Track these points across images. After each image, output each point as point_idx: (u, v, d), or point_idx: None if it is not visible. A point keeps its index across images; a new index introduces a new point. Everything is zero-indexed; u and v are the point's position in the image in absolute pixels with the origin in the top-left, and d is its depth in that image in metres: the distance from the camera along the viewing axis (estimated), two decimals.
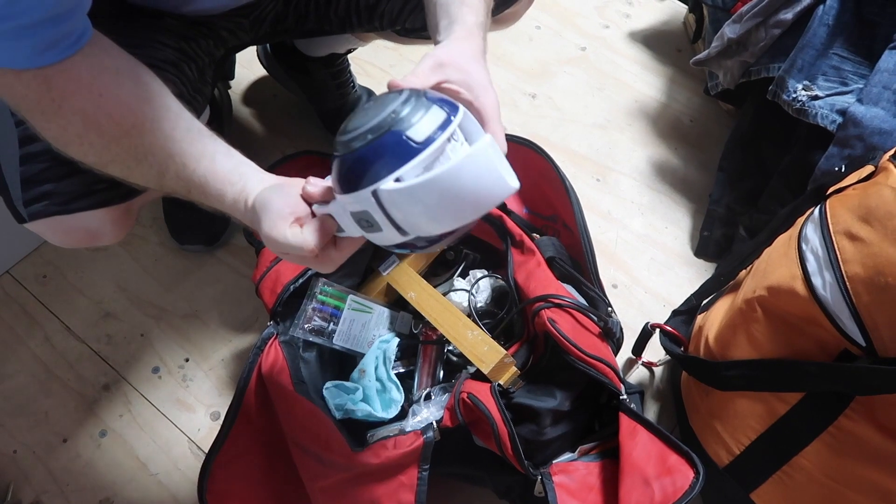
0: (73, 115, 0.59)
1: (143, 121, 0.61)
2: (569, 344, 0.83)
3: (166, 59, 0.78)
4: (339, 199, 0.56)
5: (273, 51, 1.26)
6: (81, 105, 0.59)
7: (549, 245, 0.95)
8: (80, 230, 0.75)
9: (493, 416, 0.79)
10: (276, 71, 1.28)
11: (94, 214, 0.73)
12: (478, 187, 0.51)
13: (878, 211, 0.67)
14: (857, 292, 0.67)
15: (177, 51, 0.81)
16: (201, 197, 0.64)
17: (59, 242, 0.78)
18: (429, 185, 0.50)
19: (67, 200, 0.71)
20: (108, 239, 0.78)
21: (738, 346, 0.82)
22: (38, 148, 0.69)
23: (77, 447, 1.00)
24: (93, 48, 0.59)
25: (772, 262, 0.80)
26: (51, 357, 1.07)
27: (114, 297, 1.13)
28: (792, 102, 0.99)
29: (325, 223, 0.59)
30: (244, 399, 0.92)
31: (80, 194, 0.72)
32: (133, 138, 0.61)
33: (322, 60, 1.20)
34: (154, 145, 0.62)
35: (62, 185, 0.71)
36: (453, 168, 0.50)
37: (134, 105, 0.61)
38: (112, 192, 0.73)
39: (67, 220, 0.73)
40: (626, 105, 1.39)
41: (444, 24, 0.68)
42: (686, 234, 1.22)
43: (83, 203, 0.72)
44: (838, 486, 0.76)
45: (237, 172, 0.64)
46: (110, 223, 0.76)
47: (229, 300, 1.13)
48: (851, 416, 0.72)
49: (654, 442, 0.80)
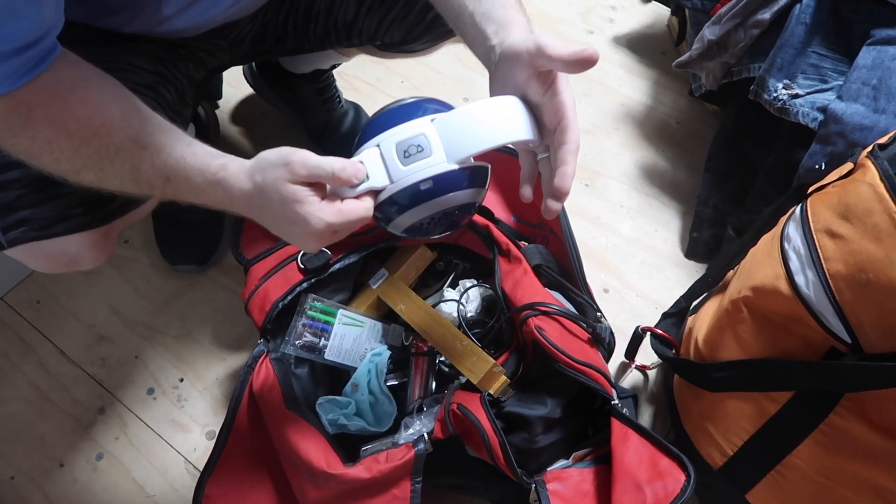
0: (41, 124, 0.59)
1: (111, 119, 0.62)
2: (557, 351, 0.83)
3: (142, 83, 0.79)
4: (383, 137, 0.63)
5: (259, 69, 1.27)
6: (49, 112, 0.59)
7: (535, 253, 0.95)
8: (60, 255, 0.75)
9: (483, 427, 0.79)
10: (262, 89, 1.29)
11: (72, 239, 0.74)
12: (505, 117, 0.63)
13: (857, 208, 0.67)
14: (839, 290, 0.67)
15: (153, 74, 0.81)
16: (181, 182, 0.64)
17: (40, 268, 0.78)
18: (473, 108, 0.62)
19: (45, 226, 0.72)
20: (89, 263, 0.78)
21: (727, 348, 0.82)
22: (14, 175, 0.70)
23: (74, 471, 1.01)
24: (60, 63, 0.60)
25: (756, 263, 0.80)
26: (46, 382, 1.08)
27: (107, 319, 1.13)
28: (773, 101, 0.99)
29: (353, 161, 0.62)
30: (237, 418, 0.92)
31: (57, 219, 0.72)
32: (102, 137, 0.61)
33: (307, 77, 1.21)
34: (125, 141, 0.62)
35: (39, 211, 0.71)
36: (488, 100, 0.63)
37: (101, 105, 0.62)
38: (90, 215, 0.74)
39: (46, 246, 0.73)
40: (612, 109, 1.40)
41: (492, 30, 0.65)
42: (676, 236, 1.22)
43: (60, 227, 0.72)
44: (832, 484, 0.76)
45: (219, 152, 0.65)
46: (89, 247, 0.76)
47: (222, 319, 1.14)
48: (841, 414, 0.72)
49: (645, 446, 0.80)
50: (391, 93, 1.42)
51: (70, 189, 0.67)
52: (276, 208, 0.63)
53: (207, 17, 0.83)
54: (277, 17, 0.96)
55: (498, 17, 0.65)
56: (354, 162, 0.62)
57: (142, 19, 0.78)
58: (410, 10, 0.92)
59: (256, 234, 0.99)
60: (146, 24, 0.80)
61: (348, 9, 0.95)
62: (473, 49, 0.68)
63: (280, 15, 0.96)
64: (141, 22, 0.79)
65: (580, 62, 0.58)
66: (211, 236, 1.18)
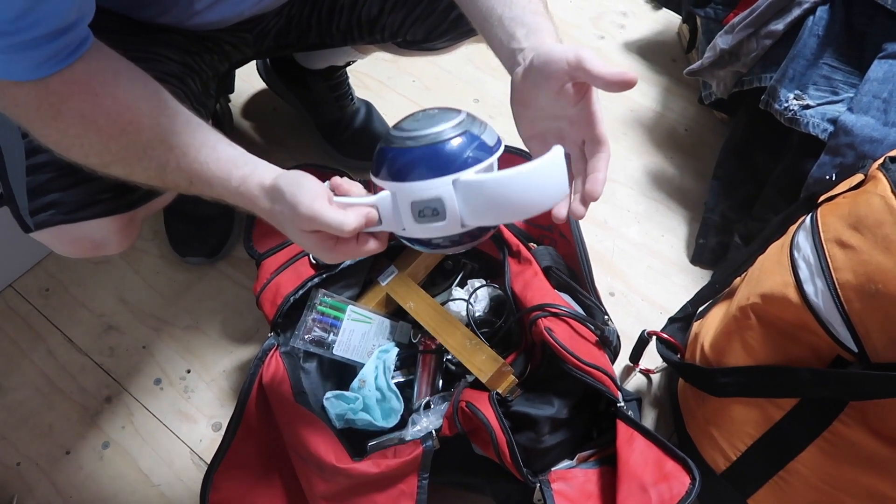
0: (71, 118, 0.60)
1: (140, 117, 0.62)
2: (565, 352, 0.84)
3: (171, 73, 0.80)
4: (399, 187, 0.61)
5: (272, 64, 1.28)
6: (79, 106, 0.60)
7: (545, 254, 0.96)
8: (86, 239, 0.76)
9: (491, 425, 0.80)
10: (275, 84, 1.30)
11: (99, 223, 0.74)
12: (543, 188, 0.59)
13: (868, 219, 0.68)
14: (848, 299, 0.68)
15: (181, 65, 0.82)
16: (204, 186, 0.65)
17: (64, 252, 0.79)
18: (506, 180, 0.57)
19: (72, 210, 0.73)
20: (113, 248, 0.79)
21: (733, 353, 0.83)
22: (44, 159, 0.71)
23: (80, 459, 1.01)
24: (92, 54, 0.60)
25: (765, 270, 0.81)
26: (54, 370, 1.08)
27: (116, 309, 1.14)
28: (784, 111, 1.00)
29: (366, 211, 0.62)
30: (245, 410, 0.93)
31: (84, 203, 0.73)
32: (131, 134, 0.62)
33: (321, 73, 1.22)
34: (153, 140, 0.63)
35: (67, 195, 0.72)
36: (530, 169, 0.57)
37: (130, 102, 0.62)
38: (117, 201, 0.74)
39: (72, 230, 0.74)
40: (621, 115, 1.41)
41: (522, 33, 0.65)
42: (682, 242, 1.23)
43: (88, 212, 0.73)
44: (834, 491, 0.76)
45: (243, 158, 0.66)
46: (115, 232, 0.77)
47: (230, 312, 1.14)
48: (846, 422, 0.73)
49: (651, 448, 0.81)
50: (402, 92, 1.42)
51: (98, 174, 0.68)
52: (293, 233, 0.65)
53: (236, 11, 0.84)
54: (302, 12, 0.97)
55: (528, 22, 0.66)
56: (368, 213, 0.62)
57: (174, 12, 0.79)
58: (434, 9, 0.93)
59: (268, 229, 0.99)
60: (177, 16, 0.80)
61: (372, 5, 0.95)
62: (498, 51, 0.68)
63: (305, 10, 0.97)
64: (173, 15, 0.80)
65: (620, 83, 0.58)
66: (221, 229, 1.18)
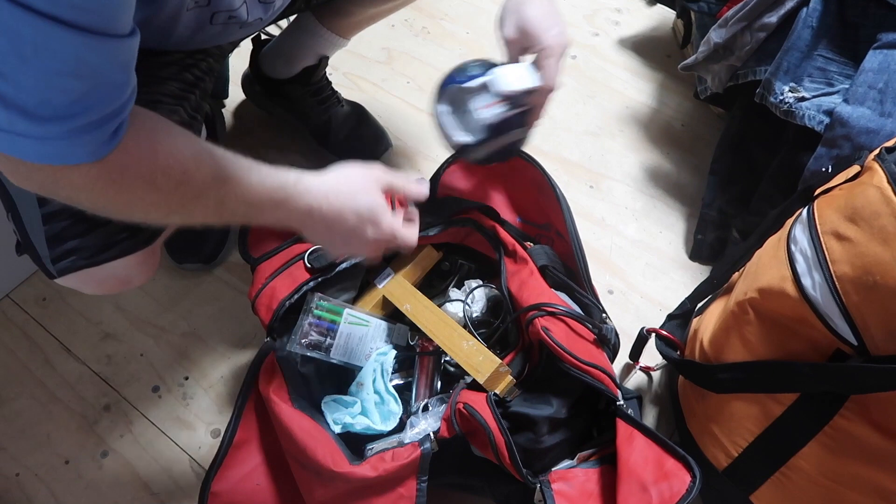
0: (132, 187, 0.60)
1: (186, 163, 0.63)
2: (563, 352, 0.83)
3: (169, 93, 0.80)
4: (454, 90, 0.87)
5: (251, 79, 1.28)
6: (140, 172, 0.60)
7: (541, 253, 0.96)
8: (110, 278, 0.77)
9: (489, 426, 0.80)
10: (259, 98, 1.30)
11: (121, 263, 0.76)
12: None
13: (864, 211, 0.67)
14: (846, 292, 0.67)
15: (180, 82, 0.82)
16: (262, 204, 0.69)
17: (91, 291, 0.80)
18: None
19: (93, 254, 0.74)
20: (139, 281, 0.81)
21: (732, 349, 0.83)
22: (58, 206, 0.71)
23: (79, 468, 1.01)
24: (132, 119, 0.60)
25: (762, 265, 0.80)
26: (51, 379, 1.08)
27: (113, 317, 1.14)
28: (779, 104, 1.00)
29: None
30: (242, 416, 0.93)
31: (104, 246, 0.74)
32: (186, 183, 0.63)
33: (297, 80, 1.20)
34: (206, 180, 0.64)
35: (87, 241, 0.73)
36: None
37: (175, 153, 0.63)
38: (135, 238, 0.76)
39: (96, 272, 0.75)
40: (617, 112, 1.40)
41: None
42: (680, 239, 1.23)
43: (108, 254, 0.74)
44: (837, 486, 0.76)
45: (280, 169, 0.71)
46: (136, 266, 0.78)
47: (228, 318, 1.14)
48: (846, 416, 0.72)
49: (650, 447, 0.80)
50: (397, 93, 1.42)
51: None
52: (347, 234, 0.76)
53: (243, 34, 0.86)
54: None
55: None
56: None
57: (173, 41, 0.80)
58: None
59: (263, 234, 0.99)
60: (176, 44, 0.81)
61: None
62: None
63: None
64: (172, 43, 0.81)
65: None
66: (217, 235, 1.18)
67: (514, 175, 1.07)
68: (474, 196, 1.07)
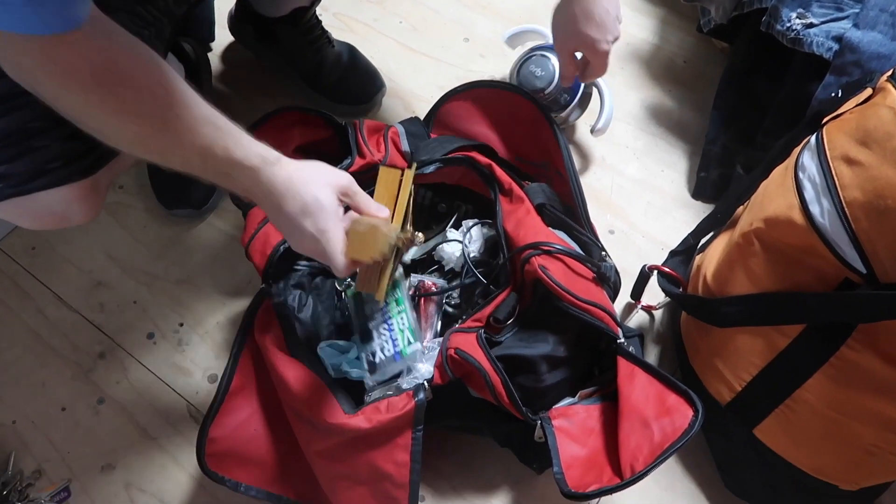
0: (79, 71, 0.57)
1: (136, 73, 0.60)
2: (561, 290, 0.81)
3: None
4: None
5: (239, 18, 1.23)
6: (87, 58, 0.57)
7: (538, 192, 0.93)
8: (45, 212, 0.74)
9: (483, 368, 0.78)
10: (246, 38, 1.25)
11: (54, 194, 0.72)
12: None
13: (877, 133, 0.64)
14: (855, 218, 0.65)
15: (132, 15, 0.78)
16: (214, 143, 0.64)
17: (29, 226, 0.76)
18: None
19: (22, 181, 0.70)
20: (79, 219, 0.77)
21: (737, 282, 0.81)
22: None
23: (76, 415, 1.00)
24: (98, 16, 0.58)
25: (768, 194, 0.78)
26: (45, 328, 1.07)
27: (104, 265, 1.12)
28: (786, 32, 0.96)
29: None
30: (239, 363, 0.91)
31: (34, 174, 0.70)
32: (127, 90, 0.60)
33: (287, 20, 1.16)
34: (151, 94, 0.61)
35: (15, 166, 0.69)
36: None
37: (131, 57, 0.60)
38: (69, 168, 0.72)
39: (28, 203, 0.71)
40: (617, 48, 1.33)
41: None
42: (683, 177, 1.20)
43: (38, 183, 0.70)
44: (841, 418, 0.75)
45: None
46: (76, 202, 0.74)
47: (221, 264, 1.12)
48: (853, 346, 0.71)
49: (652, 384, 0.79)
50: (389, 34, 1.37)
51: (44, 142, 0.64)
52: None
53: None
54: None
55: None
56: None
57: None
58: None
59: None
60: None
61: None
62: None
63: None
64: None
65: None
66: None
67: (511, 113, 1.04)
68: (470, 135, 1.04)
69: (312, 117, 1.01)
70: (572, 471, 0.78)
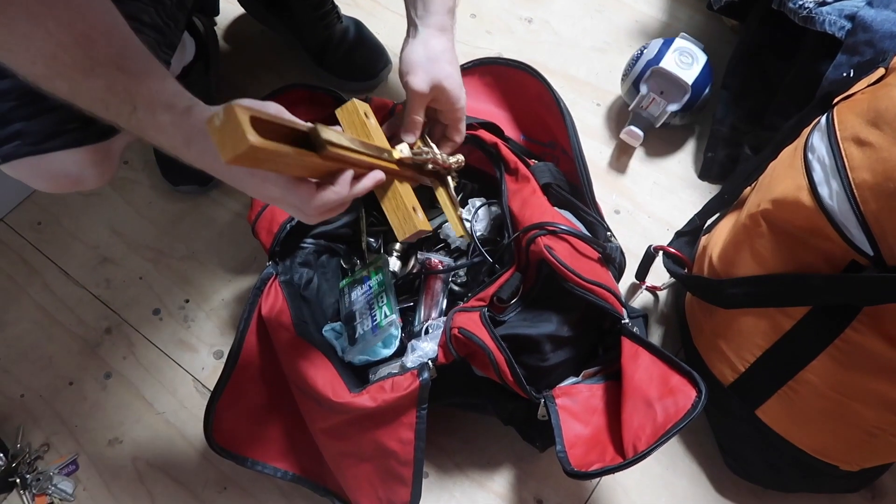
0: (18, 11, 0.55)
1: (93, 31, 0.58)
2: (567, 271, 0.81)
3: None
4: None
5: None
6: (28, 3, 0.55)
7: (545, 171, 0.93)
8: (59, 174, 0.73)
9: (488, 346, 0.78)
10: (256, 9, 1.24)
11: (71, 155, 0.71)
12: None
13: (888, 114, 0.64)
14: (864, 199, 0.65)
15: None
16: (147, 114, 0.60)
17: (42, 187, 0.76)
18: None
19: (39, 140, 0.69)
20: (92, 182, 0.76)
21: (743, 263, 0.80)
22: (6, 86, 0.67)
23: (83, 390, 1.01)
24: None
25: (777, 175, 0.77)
26: (51, 303, 1.07)
27: (110, 241, 1.12)
28: (798, 10, 0.94)
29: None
30: (245, 340, 0.92)
31: (51, 133, 0.69)
32: (82, 47, 0.58)
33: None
34: (104, 58, 0.58)
35: (32, 125, 0.69)
36: None
37: (86, 12, 0.58)
38: (86, 130, 0.71)
39: (43, 162, 0.71)
40: (626, 26, 1.34)
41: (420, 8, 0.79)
42: (689, 157, 1.19)
43: (56, 143, 0.70)
44: (845, 399, 0.75)
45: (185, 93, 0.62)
46: (90, 165, 0.74)
47: (226, 241, 1.12)
48: (858, 329, 0.71)
49: (656, 364, 0.79)
50: (395, 9, 1.36)
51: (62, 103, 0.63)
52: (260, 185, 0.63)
53: None
54: None
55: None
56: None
57: None
58: None
59: None
60: None
61: None
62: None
63: None
64: None
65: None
66: None
67: (518, 92, 1.03)
68: (477, 113, 1.03)
69: (319, 94, 1.00)
70: (575, 449, 0.78)
